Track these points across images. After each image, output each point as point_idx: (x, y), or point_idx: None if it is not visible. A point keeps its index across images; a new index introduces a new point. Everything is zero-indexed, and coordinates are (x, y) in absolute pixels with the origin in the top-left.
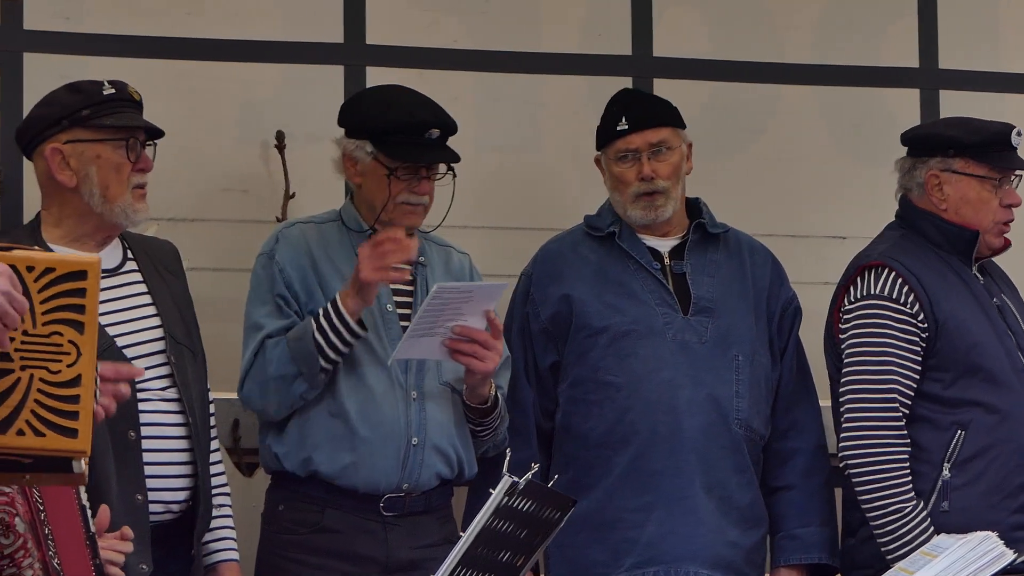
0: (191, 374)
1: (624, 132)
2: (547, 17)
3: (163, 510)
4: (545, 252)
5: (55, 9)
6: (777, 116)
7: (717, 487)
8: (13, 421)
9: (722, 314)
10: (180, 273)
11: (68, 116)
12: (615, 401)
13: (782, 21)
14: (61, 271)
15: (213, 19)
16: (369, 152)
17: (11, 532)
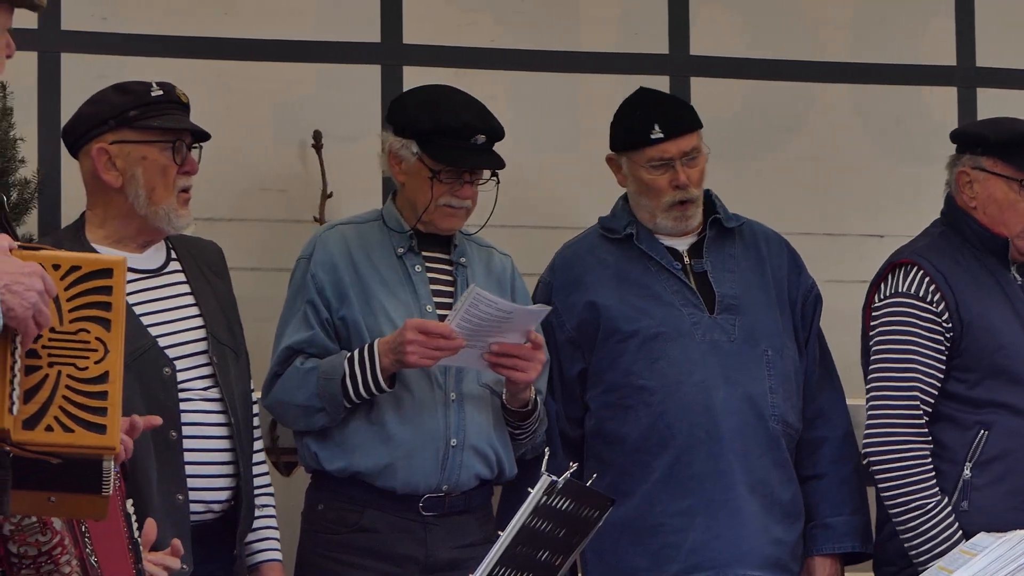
0: (233, 374)
1: (659, 140)
2: (584, 16)
3: (204, 510)
4: (562, 259)
5: (92, 9)
6: (813, 114)
7: (760, 486)
8: (41, 417)
9: (747, 310)
10: (224, 274)
11: (115, 116)
12: (650, 405)
13: (818, 19)
14: (87, 269)
15: (249, 19)
16: (414, 152)
17: (48, 529)
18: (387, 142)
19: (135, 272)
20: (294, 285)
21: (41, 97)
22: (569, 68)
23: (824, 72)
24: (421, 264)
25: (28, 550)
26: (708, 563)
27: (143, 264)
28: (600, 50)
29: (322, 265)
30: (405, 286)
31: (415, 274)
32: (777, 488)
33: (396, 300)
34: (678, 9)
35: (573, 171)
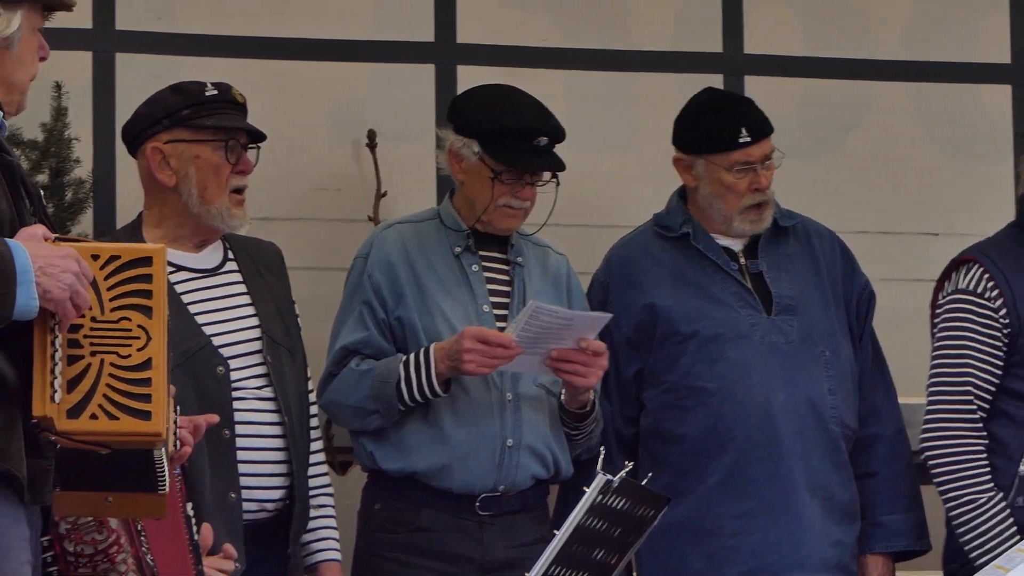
0: (288, 374)
1: (747, 144)
2: (638, 15)
3: (258, 508)
4: (618, 257)
5: (147, 9)
6: (869, 113)
7: (820, 489)
8: (86, 406)
9: (804, 310)
10: (282, 274)
11: (169, 116)
12: (708, 407)
13: (873, 17)
14: (126, 258)
15: (304, 19)
16: (476, 152)
17: (104, 528)
18: (447, 140)
19: (190, 271)
20: (351, 285)
21: (96, 97)
22: (623, 67)
23: (879, 70)
24: (478, 263)
25: (84, 548)
26: (768, 568)
27: (199, 264)
28: (654, 49)
29: (379, 265)
30: (462, 285)
31: (472, 273)
32: (837, 490)
33: (453, 300)
34: (732, 7)
35: (627, 170)
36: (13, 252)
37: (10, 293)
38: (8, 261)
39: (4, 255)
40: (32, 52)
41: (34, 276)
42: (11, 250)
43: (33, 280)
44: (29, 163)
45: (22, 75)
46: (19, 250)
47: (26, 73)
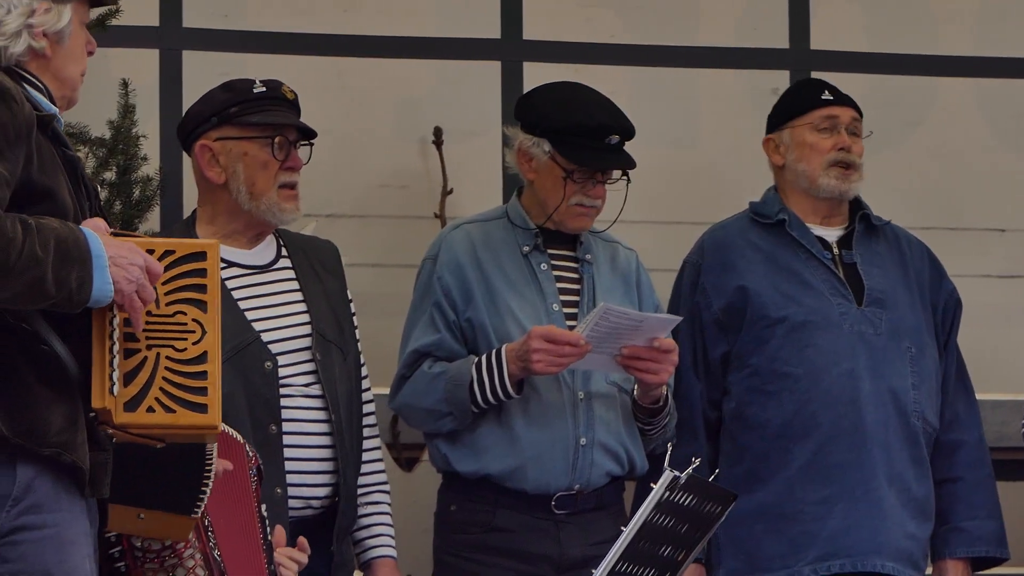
0: (338, 372)
1: (829, 102)
2: (704, 11)
3: (303, 506)
4: (713, 240)
5: (214, 7)
6: (935, 108)
7: (897, 480)
8: (142, 399)
9: (893, 306)
10: (338, 272)
11: (218, 113)
12: (794, 393)
13: (939, 13)
14: (180, 253)
15: (370, 16)
16: (546, 151)
17: None
18: (516, 139)
19: (242, 268)
20: (420, 287)
21: (163, 94)
22: (689, 63)
23: (945, 66)
24: (547, 262)
25: (152, 544)
26: (845, 552)
27: (251, 260)
28: (720, 45)
29: (448, 267)
30: (531, 285)
31: (541, 272)
32: (913, 484)
33: (522, 299)
34: (798, 3)
35: (692, 166)
36: (89, 238)
37: (88, 277)
38: (84, 246)
39: (80, 240)
40: (81, 46)
41: (107, 263)
42: (87, 237)
43: (107, 266)
44: (96, 160)
45: (73, 70)
46: (92, 236)
47: (76, 68)
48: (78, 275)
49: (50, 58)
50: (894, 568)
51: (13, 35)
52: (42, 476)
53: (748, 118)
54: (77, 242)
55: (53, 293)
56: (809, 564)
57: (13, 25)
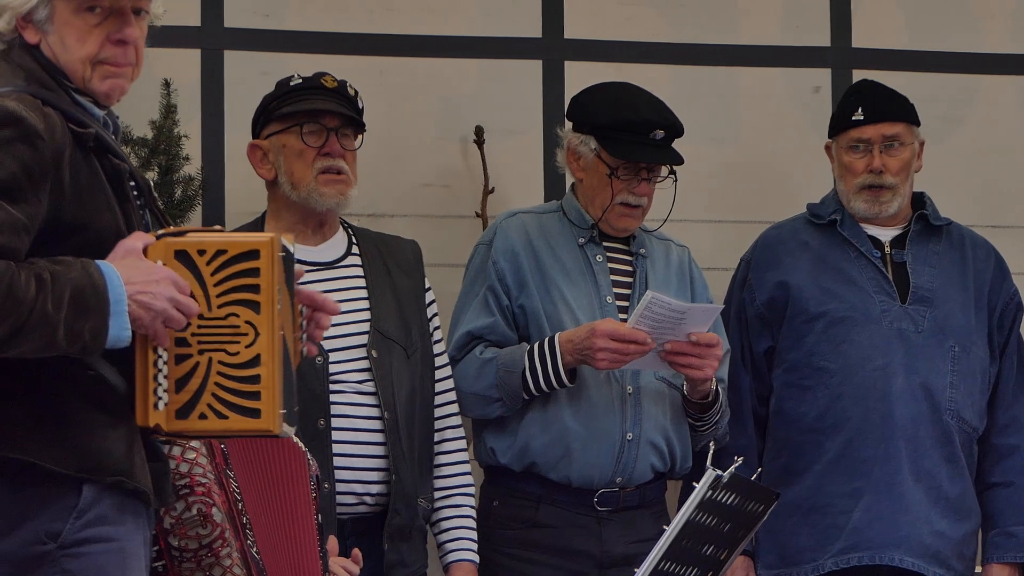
0: (397, 370)
1: (859, 122)
2: (746, 9)
3: (356, 501)
4: (765, 238)
5: (256, 7)
6: (976, 106)
7: (926, 477)
8: (195, 406)
9: (940, 304)
10: (414, 271)
11: (263, 112)
12: (828, 387)
13: (980, 10)
14: (233, 252)
15: (411, 15)
16: (592, 148)
17: (209, 522)
18: (566, 138)
19: (305, 264)
20: (472, 270)
21: (204, 94)
22: (730, 61)
23: (987, 63)
24: (603, 254)
25: (189, 543)
26: (865, 544)
27: (315, 256)
28: (761, 43)
29: (503, 252)
30: (586, 275)
31: (596, 264)
32: (945, 482)
33: (576, 290)
34: (839, 1)
35: (733, 165)
36: (108, 283)
37: (103, 327)
38: (103, 295)
39: (99, 289)
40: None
41: (126, 306)
42: (105, 281)
43: (125, 310)
44: (138, 161)
45: (67, 57)
46: (113, 279)
47: (71, 55)
48: (92, 326)
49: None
50: (913, 563)
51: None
52: (106, 492)
53: (790, 116)
54: (95, 290)
55: (65, 347)
56: (832, 557)
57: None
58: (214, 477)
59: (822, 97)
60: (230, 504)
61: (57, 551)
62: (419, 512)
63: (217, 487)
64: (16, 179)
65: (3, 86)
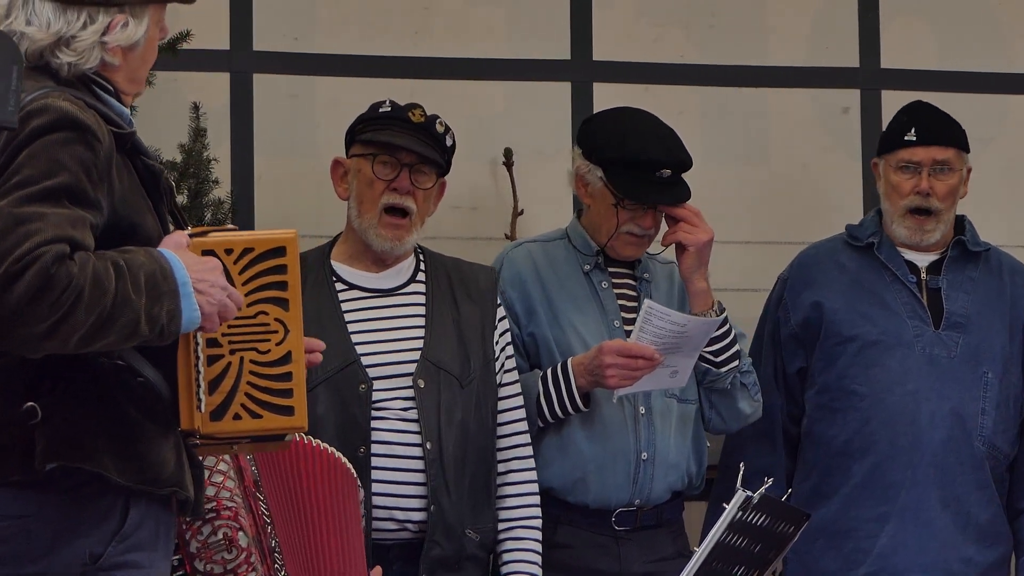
0: (445, 400)
1: (911, 143)
2: (773, 30)
3: (398, 527)
4: (802, 258)
5: (284, 30)
6: (1006, 126)
7: (954, 502)
8: (228, 406)
9: (974, 330)
10: (484, 300)
11: (350, 132)
12: (858, 410)
13: (1010, 31)
14: (260, 249)
15: (440, 37)
16: (600, 178)
17: (234, 547)
18: (576, 163)
19: (362, 291)
20: None
21: (233, 118)
22: (759, 82)
23: (1016, 84)
24: (607, 280)
25: (214, 568)
26: (891, 569)
27: (374, 284)
28: (789, 64)
29: (510, 283)
30: (592, 301)
31: (602, 290)
32: (975, 508)
33: (584, 316)
34: (868, 22)
35: (762, 186)
36: (173, 267)
37: (177, 309)
38: (171, 279)
39: (167, 271)
40: (153, 47)
41: (192, 289)
42: (171, 265)
43: (192, 293)
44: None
45: (144, 71)
46: (177, 263)
47: (147, 66)
48: (168, 308)
49: (120, 66)
50: None
51: (86, 51)
52: (148, 516)
53: (819, 137)
54: (164, 274)
55: (147, 332)
56: None
57: (87, 42)
58: (242, 500)
59: (851, 118)
60: (258, 528)
61: (95, 571)
62: (467, 544)
63: (245, 511)
64: (80, 180)
65: (37, 88)
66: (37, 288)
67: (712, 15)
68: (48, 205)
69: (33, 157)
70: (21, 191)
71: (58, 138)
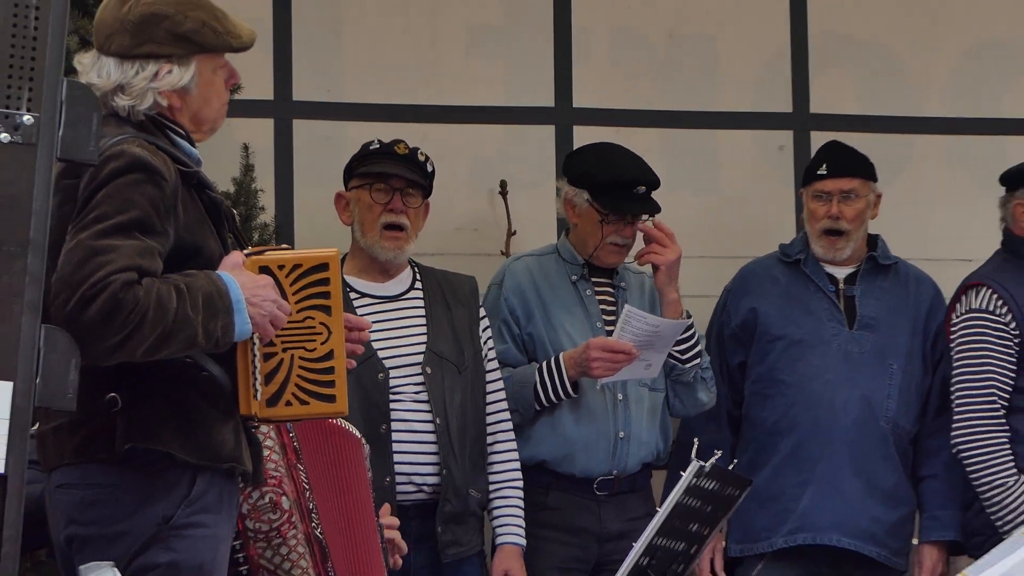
0: (449, 384)
1: (822, 176)
2: (722, 80)
3: (416, 490)
4: (743, 271)
5: (318, 83)
6: (914, 161)
7: (863, 472)
8: (281, 395)
9: (883, 330)
10: (469, 303)
11: (348, 169)
12: (785, 396)
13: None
14: (307, 266)
15: (446, 88)
16: (586, 200)
17: (278, 508)
18: (563, 190)
19: (373, 298)
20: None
21: (277, 156)
22: (710, 125)
23: (922, 126)
24: (591, 288)
25: (261, 526)
26: (810, 527)
27: (382, 292)
28: (735, 110)
29: (512, 291)
30: (579, 306)
31: (586, 297)
32: (881, 476)
33: (572, 318)
34: (800, 74)
35: (712, 212)
36: (228, 288)
37: (231, 323)
38: (227, 298)
39: (223, 293)
40: (215, 90)
41: (245, 306)
42: (227, 286)
43: (245, 309)
44: None
45: (207, 111)
46: (232, 284)
47: (210, 108)
48: (223, 324)
49: (181, 107)
50: (851, 543)
51: (139, 94)
52: (213, 486)
53: (759, 170)
54: (220, 294)
55: (204, 343)
56: (782, 536)
57: (139, 87)
58: (285, 470)
59: (785, 154)
60: (298, 492)
61: (168, 531)
62: (471, 501)
63: (288, 479)
64: (149, 215)
65: (117, 135)
66: (108, 310)
67: (672, 70)
68: (120, 238)
69: (109, 196)
70: (98, 225)
71: (130, 179)
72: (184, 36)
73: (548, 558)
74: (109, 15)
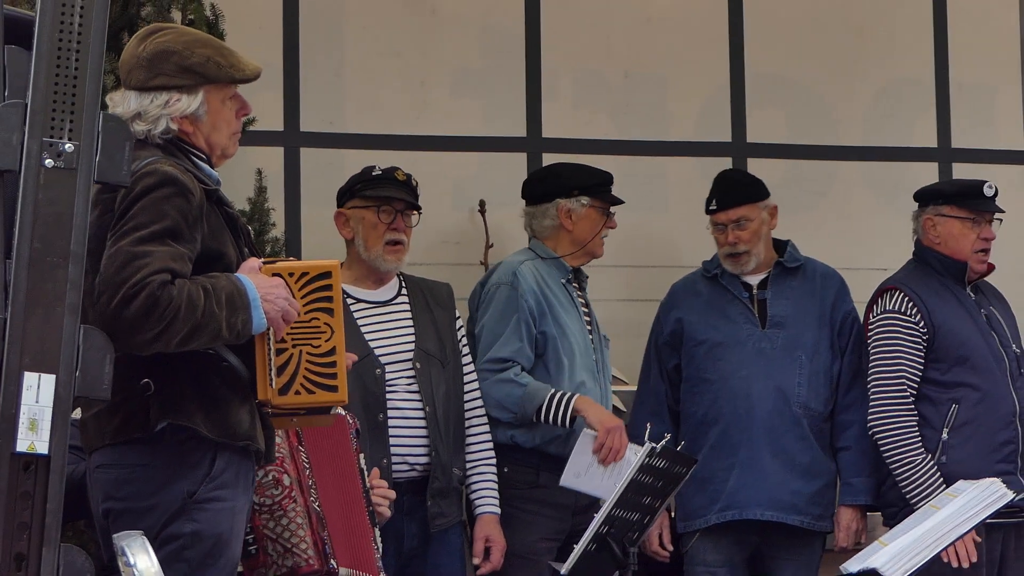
0: (435, 377)
1: (714, 211)
2: (671, 115)
3: (408, 469)
4: (672, 288)
5: (322, 116)
6: (835, 183)
7: (781, 453)
8: (291, 385)
9: (791, 326)
10: (449, 306)
11: (349, 190)
12: (710, 392)
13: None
14: (313, 273)
15: (433, 121)
16: (583, 203)
17: (280, 485)
18: (556, 205)
19: (367, 303)
20: (501, 305)
21: (286, 179)
22: (660, 153)
23: (842, 153)
24: (576, 290)
25: (265, 501)
26: (736, 504)
27: (374, 297)
28: (682, 140)
29: (529, 292)
30: (573, 307)
31: (575, 298)
32: (797, 455)
33: (570, 317)
34: (738, 108)
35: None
36: (246, 287)
37: (249, 318)
38: (245, 296)
39: (242, 291)
40: (225, 118)
41: (260, 303)
42: (245, 286)
43: (261, 306)
44: None
45: (217, 137)
46: (249, 284)
47: (221, 135)
48: (243, 319)
49: (194, 132)
50: (773, 515)
51: (154, 120)
52: (231, 463)
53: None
54: (240, 292)
55: (227, 336)
56: (715, 513)
57: (153, 114)
58: (287, 452)
59: None
60: (298, 470)
61: (191, 505)
62: (453, 478)
63: (289, 459)
64: (179, 224)
65: (148, 156)
66: (147, 307)
67: (627, 105)
68: (155, 244)
69: (144, 208)
70: (136, 233)
71: (163, 193)
72: (191, 68)
73: (538, 530)
74: (129, 55)
